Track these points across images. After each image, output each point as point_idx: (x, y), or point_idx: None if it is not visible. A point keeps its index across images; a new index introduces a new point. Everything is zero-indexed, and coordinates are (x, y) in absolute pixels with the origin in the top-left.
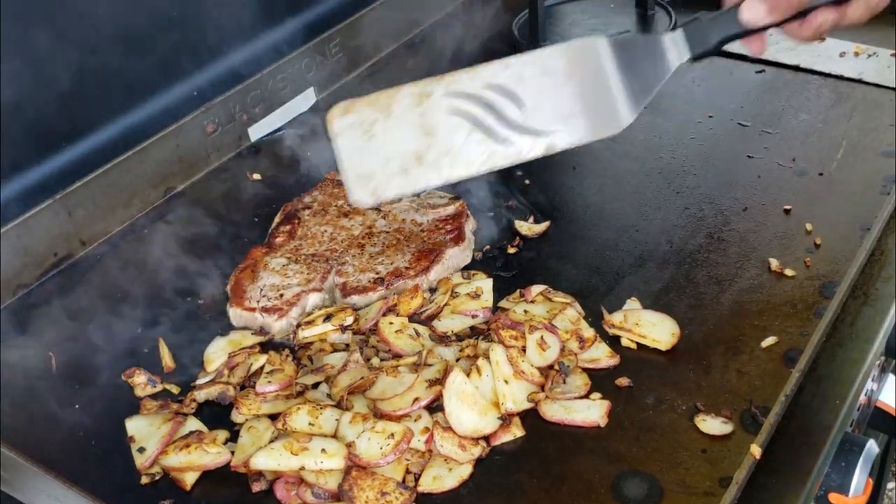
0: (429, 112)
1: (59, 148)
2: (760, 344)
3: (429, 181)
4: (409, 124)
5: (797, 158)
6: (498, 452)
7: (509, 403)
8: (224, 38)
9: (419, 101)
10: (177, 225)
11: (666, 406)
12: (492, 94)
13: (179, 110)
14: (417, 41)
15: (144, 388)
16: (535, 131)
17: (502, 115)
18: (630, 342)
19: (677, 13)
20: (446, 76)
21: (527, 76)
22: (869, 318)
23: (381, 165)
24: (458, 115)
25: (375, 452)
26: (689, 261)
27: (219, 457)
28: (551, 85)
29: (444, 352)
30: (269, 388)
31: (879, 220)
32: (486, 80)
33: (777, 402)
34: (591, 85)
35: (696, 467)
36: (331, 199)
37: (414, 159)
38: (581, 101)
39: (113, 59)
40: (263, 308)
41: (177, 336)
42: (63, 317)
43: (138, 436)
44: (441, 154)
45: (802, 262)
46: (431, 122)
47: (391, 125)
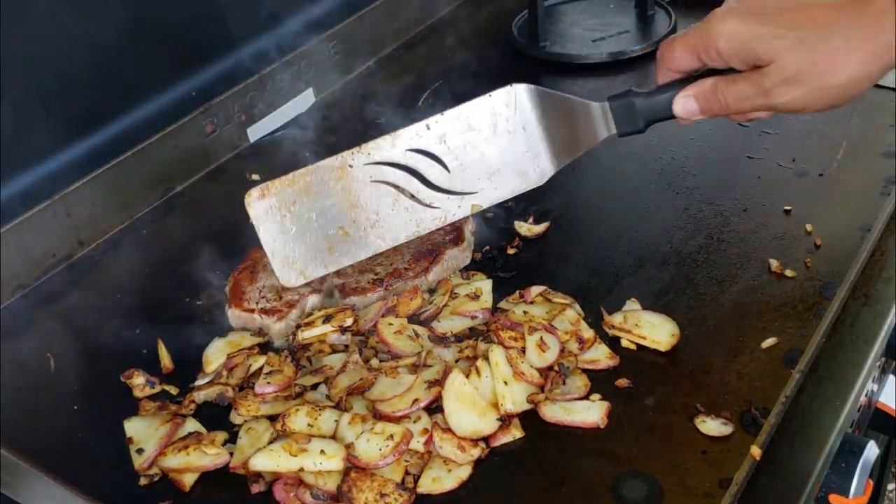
0: (351, 185)
1: (58, 148)
2: (760, 345)
3: (357, 256)
4: (331, 201)
5: (797, 159)
6: (497, 454)
7: (509, 404)
8: (223, 39)
9: (340, 174)
10: (176, 225)
11: (666, 407)
12: (414, 158)
13: (178, 111)
14: (416, 41)
15: (143, 389)
16: (461, 192)
17: (426, 180)
18: (630, 343)
19: (677, 13)
20: (365, 145)
21: (449, 136)
22: (869, 318)
23: (307, 246)
24: (381, 184)
25: (374, 454)
26: (688, 261)
27: (217, 458)
28: (474, 141)
29: (443, 353)
30: (268, 389)
31: (880, 220)
32: (406, 144)
33: (777, 403)
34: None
35: (696, 468)
36: None
37: (340, 235)
38: (505, 157)
39: (112, 59)
40: (262, 309)
41: (175, 337)
42: (62, 318)
43: (137, 437)
44: (367, 226)
45: (803, 263)
46: (354, 194)
47: (313, 204)
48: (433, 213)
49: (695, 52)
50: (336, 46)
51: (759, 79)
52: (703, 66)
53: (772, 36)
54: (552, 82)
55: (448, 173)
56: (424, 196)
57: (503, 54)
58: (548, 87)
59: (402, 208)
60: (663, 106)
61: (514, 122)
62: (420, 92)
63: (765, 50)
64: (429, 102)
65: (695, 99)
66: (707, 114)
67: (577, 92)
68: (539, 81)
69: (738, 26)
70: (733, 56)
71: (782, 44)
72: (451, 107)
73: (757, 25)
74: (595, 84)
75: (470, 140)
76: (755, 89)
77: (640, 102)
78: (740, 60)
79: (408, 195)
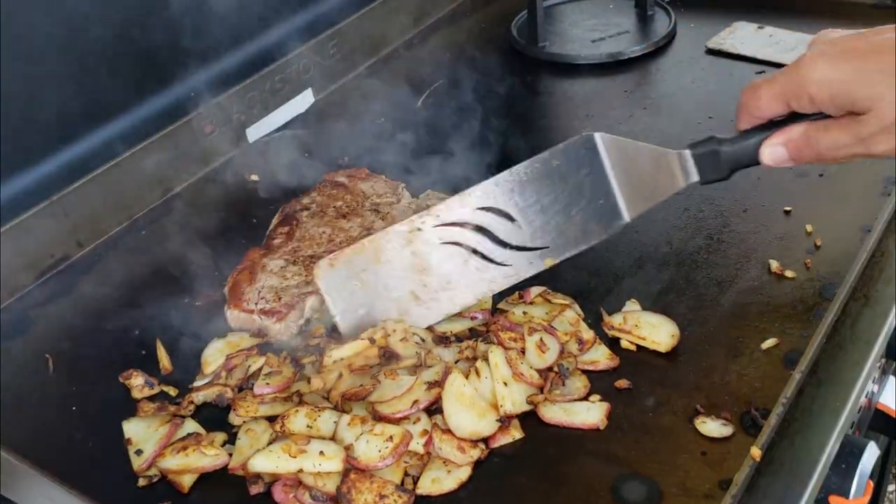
0: (420, 248)
1: (56, 149)
2: (760, 345)
3: (427, 320)
4: (401, 265)
5: None
6: (497, 455)
7: (508, 405)
8: (222, 39)
9: (409, 238)
10: (174, 226)
11: (665, 408)
12: (485, 216)
13: (177, 111)
14: (416, 42)
15: (142, 389)
16: (533, 248)
17: (497, 238)
18: (629, 344)
19: (676, 13)
20: (434, 207)
21: (519, 190)
22: (869, 319)
23: (377, 314)
24: (451, 246)
25: (374, 455)
26: (688, 262)
27: (216, 459)
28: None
29: (443, 353)
30: (267, 390)
31: (880, 221)
32: (476, 203)
33: (777, 404)
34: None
35: (696, 469)
36: (329, 200)
37: (411, 300)
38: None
39: (110, 59)
40: (262, 310)
41: (174, 338)
42: (60, 319)
43: (135, 438)
44: (439, 289)
45: (803, 264)
46: (424, 258)
47: (382, 271)
48: (505, 272)
49: (783, 98)
50: (335, 46)
51: (856, 127)
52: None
53: (869, 82)
54: (551, 83)
55: (519, 229)
56: (496, 255)
57: (503, 55)
58: (547, 87)
59: (472, 269)
60: (749, 153)
61: (586, 172)
62: (420, 92)
63: (862, 97)
64: (428, 103)
65: (784, 147)
66: (797, 162)
67: (576, 92)
68: (538, 82)
69: (830, 72)
70: (827, 103)
71: (881, 90)
72: (450, 108)
73: (851, 71)
74: (595, 84)
75: (540, 193)
76: (851, 138)
77: (724, 151)
78: (835, 107)
79: (479, 255)
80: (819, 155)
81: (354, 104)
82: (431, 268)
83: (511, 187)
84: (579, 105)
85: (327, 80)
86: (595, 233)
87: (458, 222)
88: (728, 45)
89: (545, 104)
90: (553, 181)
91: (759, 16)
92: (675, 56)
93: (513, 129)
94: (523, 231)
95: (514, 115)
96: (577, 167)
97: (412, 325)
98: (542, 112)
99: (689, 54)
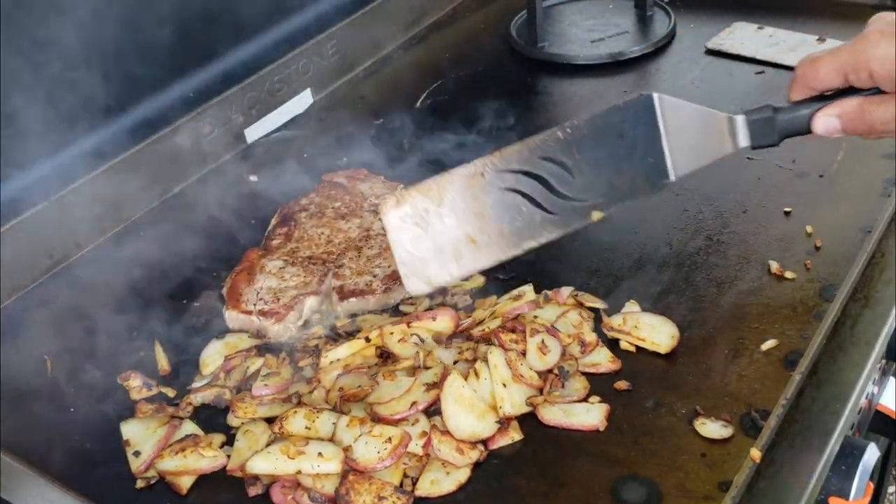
0: (480, 194)
1: (55, 150)
2: (760, 347)
3: (481, 264)
4: (462, 209)
5: (797, 160)
6: (496, 456)
7: (507, 407)
8: (220, 39)
9: (470, 183)
10: (173, 227)
11: (665, 409)
12: (545, 166)
13: (176, 111)
14: (414, 43)
15: (140, 391)
16: (583, 200)
17: (553, 188)
18: (629, 345)
19: (676, 13)
20: (497, 153)
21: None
22: (869, 320)
23: (435, 254)
24: (509, 193)
25: (373, 456)
26: (688, 263)
27: (215, 460)
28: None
29: (443, 354)
30: (266, 392)
31: (880, 222)
32: (538, 153)
33: (777, 406)
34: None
35: (696, 471)
36: (327, 200)
37: (467, 243)
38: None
39: (108, 60)
40: (260, 311)
41: (173, 339)
42: (59, 320)
43: (134, 439)
44: (494, 234)
45: (803, 265)
46: (483, 203)
47: (444, 212)
48: (556, 221)
49: (843, 72)
50: (334, 47)
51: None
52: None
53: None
54: (551, 83)
55: (572, 181)
56: (550, 204)
57: (502, 55)
58: (546, 88)
59: (527, 216)
60: (802, 122)
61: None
62: (419, 92)
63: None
64: (427, 104)
65: (838, 118)
66: (848, 132)
67: (575, 93)
68: (538, 82)
69: (892, 49)
70: (886, 80)
71: None
72: (449, 109)
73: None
74: (594, 85)
75: (597, 148)
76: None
77: (779, 118)
78: (892, 83)
79: (535, 204)
80: (871, 127)
81: (353, 105)
82: (488, 213)
83: (570, 140)
84: (579, 105)
85: (326, 80)
86: (642, 189)
87: (518, 170)
88: (728, 45)
89: (544, 104)
90: (610, 137)
91: (759, 16)
92: (674, 56)
93: (512, 130)
94: (576, 183)
95: (514, 115)
96: (634, 125)
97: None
98: (541, 112)
99: (688, 55)
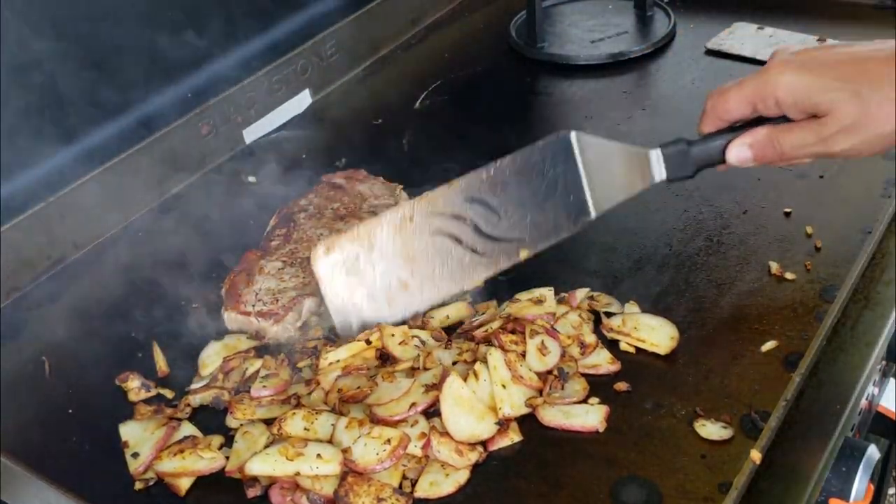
0: (410, 238)
1: (53, 150)
2: (760, 348)
3: (415, 307)
4: (392, 254)
5: None
6: (495, 458)
7: (507, 408)
8: (219, 40)
9: (400, 227)
10: (171, 228)
11: (665, 411)
12: (472, 207)
13: (174, 112)
14: (414, 42)
15: (138, 392)
16: (510, 240)
17: (481, 230)
18: (628, 346)
19: (676, 13)
20: (425, 196)
21: (502, 184)
22: (870, 321)
23: (368, 300)
24: (439, 236)
25: (372, 458)
26: (688, 264)
27: (213, 462)
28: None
29: (441, 355)
30: (264, 393)
31: (880, 222)
32: (465, 194)
33: (777, 407)
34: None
35: (696, 473)
36: (326, 201)
37: (400, 287)
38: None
39: (106, 60)
40: (259, 312)
41: (171, 340)
42: (57, 321)
43: (132, 441)
44: (426, 278)
45: (803, 266)
46: (413, 248)
47: (375, 258)
48: (485, 262)
49: (751, 102)
50: (333, 47)
51: (818, 128)
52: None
53: (830, 88)
54: (550, 83)
55: (499, 221)
56: (478, 245)
57: (501, 55)
58: (546, 88)
59: (456, 259)
60: (716, 153)
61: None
62: (418, 93)
63: (824, 101)
64: (426, 104)
65: (750, 147)
66: (760, 161)
67: (575, 93)
68: (537, 83)
69: (796, 78)
70: (791, 107)
71: (840, 96)
72: (449, 109)
73: (815, 78)
74: (594, 85)
75: (520, 186)
76: (813, 138)
77: (693, 150)
78: (798, 111)
79: (465, 246)
80: (782, 154)
81: (352, 105)
82: (418, 256)
83: (495, 180)
84: (578, 106)
85: (325, 80)
86: (565, 227)
87: (447, 213)
88: (728, 45)
89: (544, 105)
90: (531, 176)
91: (759, 16)
92: (674, 57)
93: (511, 131)
94: (503, 223)
95: (513, 116)
96: (554, 164)
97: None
98: (540, 113)
99: (688, 55)
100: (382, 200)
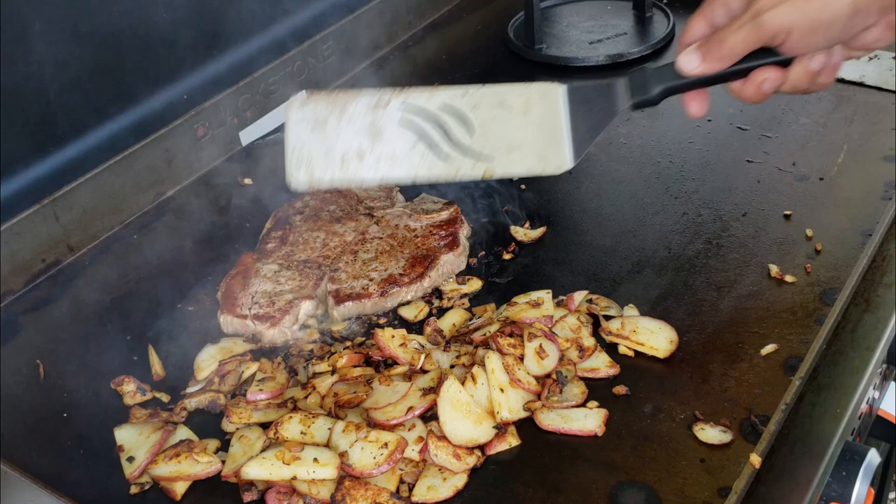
0: (381, 118)
1: (48, 152)
2: (760, 351)
3: (364, 177)
4: (360, 124)
5: (797, 163)
6: (493, 462)
7: (505, 412)
8: (215, 41)
9: (374, 107)
10: (166, 230)
11: (664, 415)
12: (445, 114)
13: (169, 114)
14: (411, 44)
15: (134, 396)
16: (477, 155)
17: (450, 135)
18: (627, 350)
19: (675, 14)
20: (406, 90)
21: (482, 106)
22: (870, 325)
23: (323, 154)
24: (408, 127)
25: (369, 462)
26: (687, 267)
27: (209, 466)
28: (503, 118)
29: (439, 358)
30: (261, 397)
31: (881, 225)
32: (443, 101)
33: (777, 411)
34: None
35: (695, 477)
36: (323, 204)
37: (356, 155)
38: (528, 138)
39: (103, 62)
40: (255, 315)
41: (167, 344)
42: (51, 324)
43: (127, 445)
44: (383, 156)
45: (803, 269)
46: (381, 126)
47: (343, 122)
48: (446, 166)
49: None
50: (330, 48)
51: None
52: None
53: None
54: None
55: (470, 136)
56: (443, 148)
57: (499, 57)
58: None
59: (418, 152)
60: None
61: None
62: None
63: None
64: None
65: (696, 48)
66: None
67: None
68: None
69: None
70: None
71: None
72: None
73: None
74: None
75: (499, 114)
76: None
77: (652, 72)
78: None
79: (427, 143)
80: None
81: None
82: (383, 136)
83: (477, 100)
84: None
85: (322, 82)
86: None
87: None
88: None
89: None
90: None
91: None
92: (673, 58)
93: None
94: (473, 138)
95: None
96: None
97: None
98: None
99: None
100: (378, 202)
